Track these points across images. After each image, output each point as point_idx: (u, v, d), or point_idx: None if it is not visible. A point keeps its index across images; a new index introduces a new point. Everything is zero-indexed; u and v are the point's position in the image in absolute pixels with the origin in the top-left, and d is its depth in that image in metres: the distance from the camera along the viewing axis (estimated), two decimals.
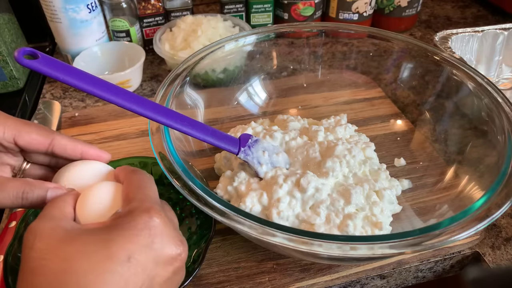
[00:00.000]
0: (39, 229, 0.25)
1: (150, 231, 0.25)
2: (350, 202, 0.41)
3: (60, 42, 0.70)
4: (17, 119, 0.32)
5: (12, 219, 0.44)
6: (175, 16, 0.76)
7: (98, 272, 0.23)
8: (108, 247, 0.24)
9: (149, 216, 0.26)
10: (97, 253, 0.24)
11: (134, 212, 0.26)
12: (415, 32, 0.87)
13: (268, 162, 0.44)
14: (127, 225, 0.25)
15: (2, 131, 0.31)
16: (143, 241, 0.25)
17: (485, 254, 0.45)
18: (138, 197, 0.28)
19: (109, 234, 0.25)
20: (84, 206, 0.29)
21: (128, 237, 0.25)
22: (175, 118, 0.36)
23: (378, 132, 0.57)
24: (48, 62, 0.31)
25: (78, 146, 0.33)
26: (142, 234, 0.25)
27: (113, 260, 0.24)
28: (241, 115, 0.58)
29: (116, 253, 0.24)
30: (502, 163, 0.38)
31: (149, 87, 0.70)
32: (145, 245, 0.25)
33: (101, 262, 0.24)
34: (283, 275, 0.42)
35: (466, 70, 0.48)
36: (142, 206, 0.27)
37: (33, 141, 0.31)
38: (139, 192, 0.28)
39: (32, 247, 0.24)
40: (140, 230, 0.25)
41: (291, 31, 0.58)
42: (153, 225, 0.26)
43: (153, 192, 0.29)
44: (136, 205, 0.27)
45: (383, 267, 0.44)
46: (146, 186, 0.29)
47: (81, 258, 0.24)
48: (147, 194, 0.28)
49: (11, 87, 0.67)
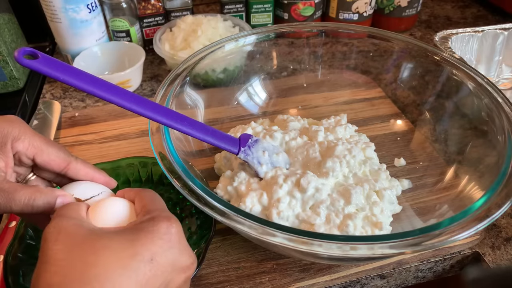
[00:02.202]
0: (62, 225, 0.26)
1: (170, 236, 0.27)
2: (350, 202, 0.41)
3: (60, 42, 0.70)
4: (42, 138, 0.33)
5: (12, 219, 0.44)
6: (175, 16, 0.76)
7: (124, 267, 0.25)
8: (133, 246, 0.26)
9: (170, 223, 0.28)
10: (124, 250, 0.25)
11: (156, 218, 0.28)
12: (415, 32, 0.87)
13: (268, 162, 0.44)
14: (151, 228, 0.27)
15: (26, 147, 0.32)
16: (165, 245, 0.27)
17: (485, 254, 0.45)
18: (156, 208, 0.30)
19: (135, 235, 0.26)
20: (99, 215, 0.30)
21: (152, 240, 0.26)
22: (175, 118, 0.36)
23: (378, 132, 0.57)
24: (48, 62, 0.31)
25: (90, 172, 0.34)
26: (164, 239, 0.27)
27: (138, 258, 0.25)
28: (241, 115, 0.58)
29: (141, 253, 0.25)
30: (502, 163, 0.38)
31: (149, 87, 0.70)
32: (165, 249, 0.27)
33: (127, 258, 0.25)
34: (283, 275, 0.42)
35: (466, 70, 0.48)
36: (162, 215, 0.28)
37: (51, 162, 0.33)
38: (156, 204, 0.30)
39: (56, 240, 0.25)
40: (163, 234, 0.27)
41: (291, 31, 0.58)
42: (173, 232, 0.28)
43: (165, 205, 0.31)
44: (158, 213, 0.29)
45: (383, 267, 0.44)
46: (160, 200, 0.31)
47: (109, 253, 0.25)
48: (163, 205, 0.31)
49: (11, 87, 0.67)
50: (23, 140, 0.32)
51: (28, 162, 0.33)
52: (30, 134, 0.32)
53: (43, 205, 0.30)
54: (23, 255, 0.39)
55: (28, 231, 0.41)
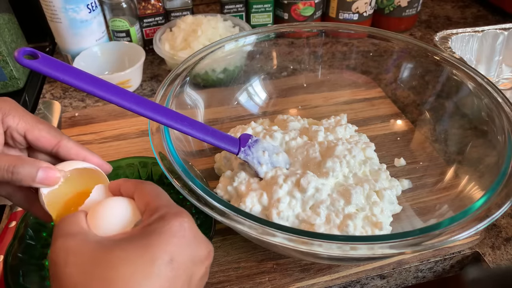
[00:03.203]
0: (69, 246, 0.25)
1: (184, 233, 0.27)
2: (350, 202, 0.41)
3: (60, 42, 0.70)
4: (34, 116, 0.33)
5: (12, 219, 0.44)
6: (175, 16, 0.76)
7: (145, 275, 0.24)
8: (149, 251, 0.25)
9: (182, 219, 0.27)
10: (141, 258, 0.25)
11: (165, 216, 0.27)
12: (415, 32, 0.87)
13: (268, 162, 0.44)
14: (163, 229, 0.26)
15: (17, 122, 0.31)
16: (181, 243, 0.26)
17: (485, 254, 0.45)
18: (162, 204, 0.28)
19: (147, 239, 0.26)
20: (101, 222, 0.29)
21: (166, 240, 0.26)
22: (175, 118, 0.36)
23: (378, 132, 0.57)
24: (48, 62, 0.31)
25: (82, 152, 0.33)
26: (178, 236, 0.26)
27: (157, 263, 0.25)
28: (241, 115, 0.58)
29: (158, 256, 0.25)
30: (502, 163, 0.38)
31: (149, 87, 0.70)
32: (183, 247, 0.26)
33: (146, 265, 0.24)
34: (283, 275, 0.42)
35: (466, 70, 0.48)
36: (171, 211, 0.27)
37: (42, 139, 0.32)
38: (161, 199, 0.29)
39: (66, 264, 0.25)
40: (176, 232, 0.26)
41: (291, 31, 0.58)
42: (186, 227, 0.27)
43: (169, 198, 0.30)
44: (166, 210, 0.28)
45: (383, 267, 0.44)
46: (163, 193, 0.30)
47: (126, 264, 0.24)
48: (169, 200, 0.29)
49: (11, 87, 0.67)
50: (13, 115, 0.31)
51: (20, 140, 0.32)
52: (21, 110, 0.32)
53: (24, 174, 0.29)
54: (23, 255, 0.39)
55: (28, 231, 0.41)
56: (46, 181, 0.30)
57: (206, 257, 0.28)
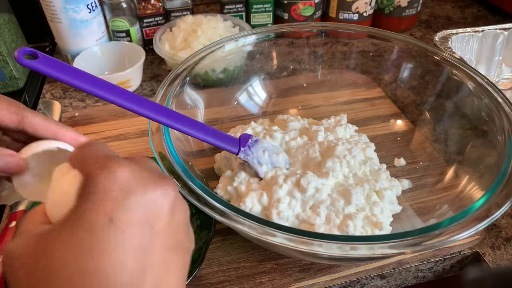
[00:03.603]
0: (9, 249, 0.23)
1: (119, 186, 0.22)
2: (350, 202, 0.41)
3: (60, 42, 0.70)
4: None
5: (12, 219, 0.44)
6: (175, 16, 0.76)
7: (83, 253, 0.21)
8: (82, 224, 0.21)
9: (109, 171, 0.23)
10: (76, 233, 0.21)
11: (90, 176, 0.23)
12: (415, 32, 0.87)
13: (268, 162, 0.44)
14: (91, 191, 0.22)
15: None
16: (119, 196, 0.22)
17: (485, 254, 0.45)
18: (90, 161, 0.24)
19: (78, 214, 0.22)
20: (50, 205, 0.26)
21: (97, 203, 0.22)
22: (175, 118, 0.36)
23: (378, 132, 0.57)
24: (48, 62, 0.31)
25: (51, 126, 0.29)
26: (113, 190, 0.22)
27: (95, 229, 0.21)
28: (241, 115, 0.58)
29: (94, 222, 0.21)
30: (502, 163, 0.38)
31: (149, 87, 0.70)
32: (119, 200, 0.22)
33: (85, 238, 0.21)
34: (283, 275, 0.42)
35: (466, 70, 0.48)
36: (96, 166, 0.23)
37: (2, 117, 0.29)
38: (91, 157, 0.24)
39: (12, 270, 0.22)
40: (107, 187, 0.22)
41: (291, 31, 0.58)
42: (118, 178, 0.22)
43: (105, 150, 0.25)
44: (91, 168, 0.23)
45: (383, 267, 0.44)
46: (94, 148, 0.25)
47: (63, 247, 0.21)
48: (98, 154, 0.24)
49: (11, 87, 0.67)
50: None
51: None
52: None
53: None
54: None
55: None
56: (8, 170, 0.28)
57: (162, 195, 0.23)
